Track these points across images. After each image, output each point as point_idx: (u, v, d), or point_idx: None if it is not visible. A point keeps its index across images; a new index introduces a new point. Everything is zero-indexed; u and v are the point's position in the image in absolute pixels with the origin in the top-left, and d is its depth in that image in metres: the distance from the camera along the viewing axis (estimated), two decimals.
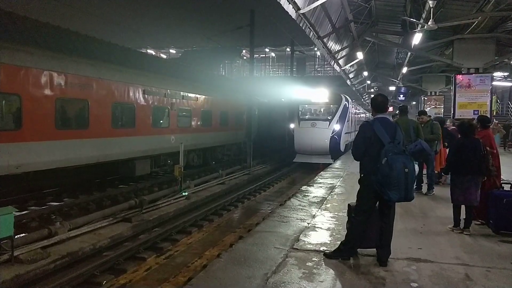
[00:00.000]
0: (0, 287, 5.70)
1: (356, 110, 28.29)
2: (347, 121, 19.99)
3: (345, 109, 19.67)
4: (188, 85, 15.19)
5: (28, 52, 8.65)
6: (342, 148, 19.17)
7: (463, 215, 6.31)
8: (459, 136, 6.58)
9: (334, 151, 18.57)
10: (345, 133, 19.48)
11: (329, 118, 19.05)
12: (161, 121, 13.44)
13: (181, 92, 14.30)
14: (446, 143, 9.94)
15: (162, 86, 13.22)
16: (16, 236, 6.82)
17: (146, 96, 12.32)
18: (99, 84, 10.44)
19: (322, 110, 20.28)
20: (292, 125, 19.95)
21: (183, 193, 10.72)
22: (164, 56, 39.13)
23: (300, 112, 19.92)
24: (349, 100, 21.43)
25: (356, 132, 19.73)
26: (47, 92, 8.99)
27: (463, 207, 6.27)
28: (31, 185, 10.68)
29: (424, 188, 9.30)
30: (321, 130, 18.40)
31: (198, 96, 15.58)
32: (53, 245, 7.28)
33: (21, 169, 8.43)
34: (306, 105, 20.49)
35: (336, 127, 18.60)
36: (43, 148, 8.91)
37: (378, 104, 4.95)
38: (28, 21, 9.55)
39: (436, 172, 10.15)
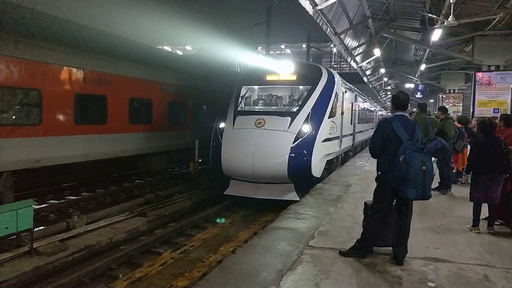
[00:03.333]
0: (20, 278, 5.83)
1: (361, 101, 18.79)
2: (331, 116, 10.59)
3: (328, 93, 10.48)
4: (205, 80, 15.11)
5: (48, 48, 8.79)
6: (316, 169, 9.67)
7: (482, 215, 6.21)
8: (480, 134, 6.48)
9: (299, 176, 9.37)
10: (324, 141, 10.02)
11: (293, 110, 9.92)
12: (178, 117, 13.51)
13: (198, 88, 14.32)
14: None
15: (178, 81, 13.27)
16: (35, 229, 6.99)
17: (163, 91, 12.41)
18: (117, 80, 10.56)
19: (282, 95, 11.45)
20: (221, 124, 10.22)
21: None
22: (180, 52, 39.33)
23: (240, 99, 10.61)
24: (339, 79, 11.76)
25: (357, 137, 14.84)
26: (67, 88, 9.13)
27: (483, 207, 6.18)
28: (51, 179, 10.89)
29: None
30: (273, 135, 9.34)
31: (214, 91, 15.58)
32: (71, 238, 7.43)
33: (40, 163, 8.59)
34: (256, 86, 11.55)
35: (305, 128, 9.44)
36: (62, 143, 9.06)
37: (400, 101, 4.91)
38: (48, 17, 9.69)
39: (456, 171, 10.02)
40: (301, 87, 11.08)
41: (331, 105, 10.45)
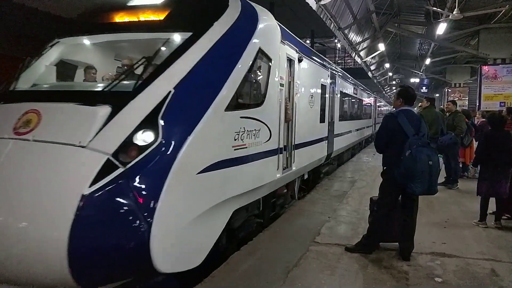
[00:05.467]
0: None
1: (347, 87, 12.95)
2: (249, 106, 4.63)
3: (234, 49, 4.37)
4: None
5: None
6: (170, 254, 3.28)
7: (489, 209, 6.17)
8: (489, 128, 6.44)
9: (113, 276, 3.16)
10: (211, 167, 3.70)
11: (123, 88, 3.68)
12: None
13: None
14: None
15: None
16: None
17: None
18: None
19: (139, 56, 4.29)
20: None
21: None
22: None
23: (26, 66, 4.56)
24: (274, 25, 5.68)
25: (339, 142, 11.70)
26: None
27: (490, 201, 6.13)
28: None
29: None
30: (48, 157, 3.16)
31: None
32: None
33: None
34: (83, 37, 5.05)
35: (146, 136, 3.27)
36: None
37: (411, 96, 4.90)
38: (44, 14, 9.66)
39: (462, 165, 9.98)
40: (171, 35, 4.45)
41: (241, 73, 4.36)
